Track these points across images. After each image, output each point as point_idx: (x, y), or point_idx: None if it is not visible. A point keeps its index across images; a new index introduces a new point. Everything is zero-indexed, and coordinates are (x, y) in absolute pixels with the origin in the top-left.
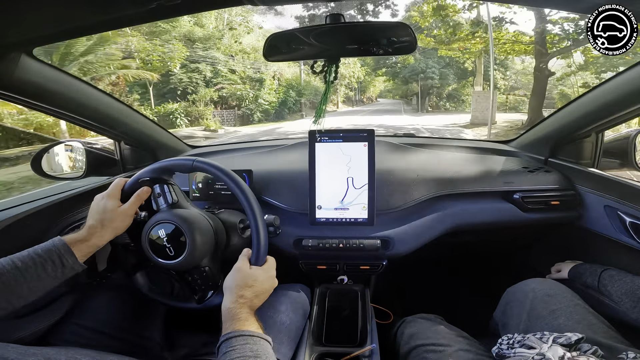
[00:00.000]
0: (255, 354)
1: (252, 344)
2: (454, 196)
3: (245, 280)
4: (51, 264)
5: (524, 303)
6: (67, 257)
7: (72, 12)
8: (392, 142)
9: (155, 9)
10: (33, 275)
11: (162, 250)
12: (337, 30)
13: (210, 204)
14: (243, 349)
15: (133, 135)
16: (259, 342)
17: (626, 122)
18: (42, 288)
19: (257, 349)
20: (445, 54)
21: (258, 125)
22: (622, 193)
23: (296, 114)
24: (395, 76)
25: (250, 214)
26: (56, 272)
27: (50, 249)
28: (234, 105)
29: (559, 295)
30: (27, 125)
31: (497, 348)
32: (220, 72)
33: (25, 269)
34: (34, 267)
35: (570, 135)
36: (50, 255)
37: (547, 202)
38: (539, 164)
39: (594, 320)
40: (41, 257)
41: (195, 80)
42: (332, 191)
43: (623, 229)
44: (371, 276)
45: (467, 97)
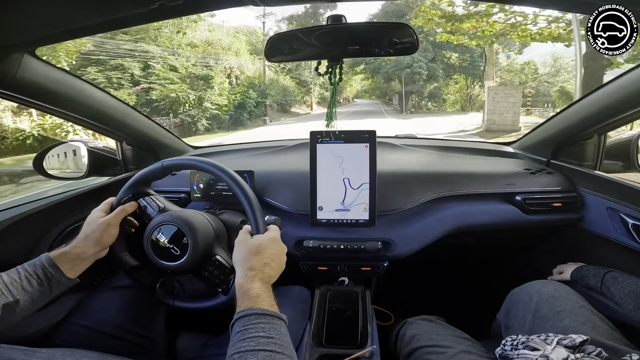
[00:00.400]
0: (267, 334)
1: (264, 323)
2: (455, 197)
3: (249, 250)
4: (36, 278)
5: (528, 304)
6: (52, 271)
7: (74, 12)
8: (393, 143)
9: (157, 9)
10: (19, 288)
11: (167, 251)
12: (339, 30)
13: (211, 204)
14: (255, 329)
15: (135, 136)
16: (273, 321)
17: (628, 123)
18: (32, 302)
19: (269, 329)
20: (446, 39)
21: (202, 138)
22: (624, 195)
23: (258, 119)
24: (376, 73)
25: (233, 185)
26: (42, 286)
27: (35, 263)
28: (165, 111)
29: (564, 297)
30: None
31: (501, 349)
32: (154, 70)
33: (10, 282)
34: (19, 281)
35: (573, 137)
36: (36, 270)
37: (549, 204)
38: (541, 166)
39: (599, 322)
40: (27, 272)
41: (118, 81)
42: (333, 192)
43: (625, 231)
44: (372, 277)
45: (448, 97)
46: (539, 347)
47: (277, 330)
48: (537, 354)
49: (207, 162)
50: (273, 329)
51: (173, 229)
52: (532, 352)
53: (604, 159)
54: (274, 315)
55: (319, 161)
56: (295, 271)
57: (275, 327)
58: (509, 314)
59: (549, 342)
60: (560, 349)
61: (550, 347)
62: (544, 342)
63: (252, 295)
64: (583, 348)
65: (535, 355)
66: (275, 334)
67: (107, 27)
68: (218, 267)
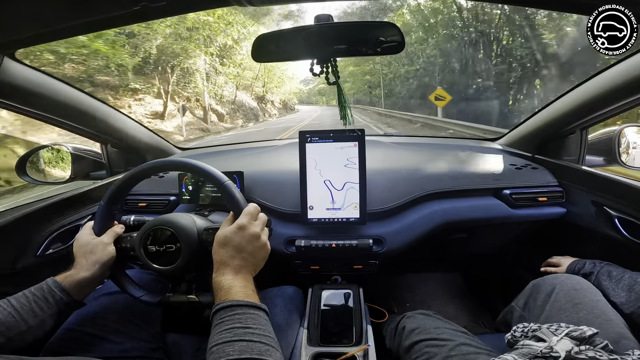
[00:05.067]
0: (244, 324)
1: (240, 314)
2: (444, 194)
3: (217, 242)
4: (46, 302)
5: (549, 295)
6: (62, 295)
7: (55, 13)
8: (382, 141)
9: (140, 10)
10: (29, 313)
11: (164, 254)
12: (326, 30)
13: (200, 206)
14: (231, 320)
15: (119, 138)
16: (249, 312)
17: (609, 119)
18: (44, 325)
19: (246, 319)
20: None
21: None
22: (607, 189)
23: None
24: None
25: (199, 169)
26: (52, 309)
27: (42, 287)
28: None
29: (584, 290)
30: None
31: (511, 335)
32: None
33: (20, 307)
34: (29, 306)
35: (556, 132)
36: (44, 294)
37: (535, 199)
38: (526, 161)
39: (612, 316)
40: (35, 296)
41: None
42: (324, 191)
43: (610, 224)
44: (365, 275)
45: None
46: (546, 337)
47: (254, 319)
48: (542, 345)
49: (169, 161)
50: (250, 319)
51: (165, 232)
52: (537, 343)
53: (587, 154)
54: (250, 305)
55: (308, 160)
56: (288, 271)
57: (252, 316)
58: (528, 303)
59: (558, 333)
60: (566, 340)
61: (557, 338)
62: (552, 333)
63: (224, 287)
64: (591, 341)
65: (540, 347)
66: (252, 324)
67: (88, 29)
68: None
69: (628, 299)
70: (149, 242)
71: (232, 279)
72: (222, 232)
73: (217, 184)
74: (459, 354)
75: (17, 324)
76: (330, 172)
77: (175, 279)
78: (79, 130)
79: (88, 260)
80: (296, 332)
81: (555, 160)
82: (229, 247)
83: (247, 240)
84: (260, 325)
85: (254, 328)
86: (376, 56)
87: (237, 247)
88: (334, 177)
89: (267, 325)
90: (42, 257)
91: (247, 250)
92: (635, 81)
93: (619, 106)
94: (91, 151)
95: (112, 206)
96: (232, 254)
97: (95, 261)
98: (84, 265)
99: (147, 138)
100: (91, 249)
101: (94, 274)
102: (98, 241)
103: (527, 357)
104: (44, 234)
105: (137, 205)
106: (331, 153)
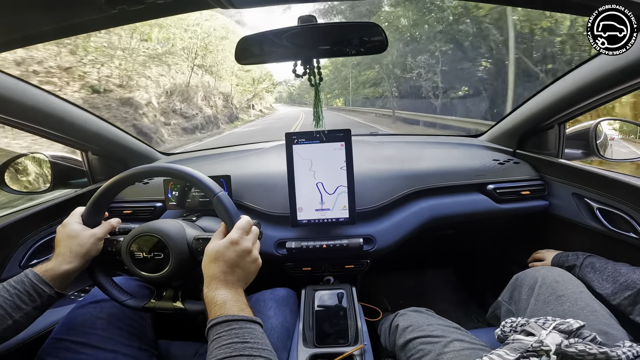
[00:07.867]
0: (242, 339)
1: (237, 329)
2: (430, 191)
3: (208, 257)
4: (28, 296)
5: (532, 288)
6: (43, 287)
7: (29, 18)
8: (368, 140)
9: (118, 14)
10: (12, 307)
11: (150, 261)
12: (309, 31)
13: (187, 212)
14: (229, 335)
15: (100, 145)
16: (245, 326)
17: (585, 113)
18: (27, 319)
19: (243, 334)
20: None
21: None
22: (587, 181)
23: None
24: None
25: (191, 176)
26: (35, 302)
27: (22, 280)
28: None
29: (567, 282)
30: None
31: (500, 330)
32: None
33: (3, 301)
34: (11, 299)
35: (535, 127)
36: (25, 287)
37: (518, 193)
38: (507, 156)
39: (597, 308)
40: (16, 289)
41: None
42: (312, 193)
43: (591, 215)
44: (357, 275)
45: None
46: (535, 332)
47: (251, 334)
48: (532, 340)
49: (152, 168)
50: (247, 333)
51: (153, 239)
52: (527, 337)
53: (565, 147)
54: (245, 319)
55: (295, 162)
56: (280, 273)
57: (248, 331)
58: (513, 297)
59: (546, 327)
60: (554, 334)
61: (546, 332)
62: (541, 327)
63: (218, 303)
64: (579, 333)
65: (530, 341)
66: (249, 338)
67: (64, 33)
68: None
69: (614, 290)
70: (136, 248)
71: (225, 293)
72: (213, 245)
73: (210, 195)
74: (452, 350)
75: (4, 319)
76: (323, 174)
77: (160, 285)
78: (57, 137)
79: (72, 252)
80: (292, 334)
81: (536, 155)
82: (220, 262)
83: (239, 255)
84: (257, 339)
85: (252, 342)
86: (359, 56)
87: (229, 262)
88: (327, 180)
89: (264, 338)
90: (26, 267)
91: (239, 265)
92: (604, 79)
93: (593, 101)
94: (71, 159)
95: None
96: (223, 269)
97: (82, 254)
98: (66, 257)
99: (129, 144)
100: (80, 242)
101: (76, 266)
102: (90, 234)
103: (519, 352)
104: (27, 243)
105: (121, 212)
106: (325, 155)
